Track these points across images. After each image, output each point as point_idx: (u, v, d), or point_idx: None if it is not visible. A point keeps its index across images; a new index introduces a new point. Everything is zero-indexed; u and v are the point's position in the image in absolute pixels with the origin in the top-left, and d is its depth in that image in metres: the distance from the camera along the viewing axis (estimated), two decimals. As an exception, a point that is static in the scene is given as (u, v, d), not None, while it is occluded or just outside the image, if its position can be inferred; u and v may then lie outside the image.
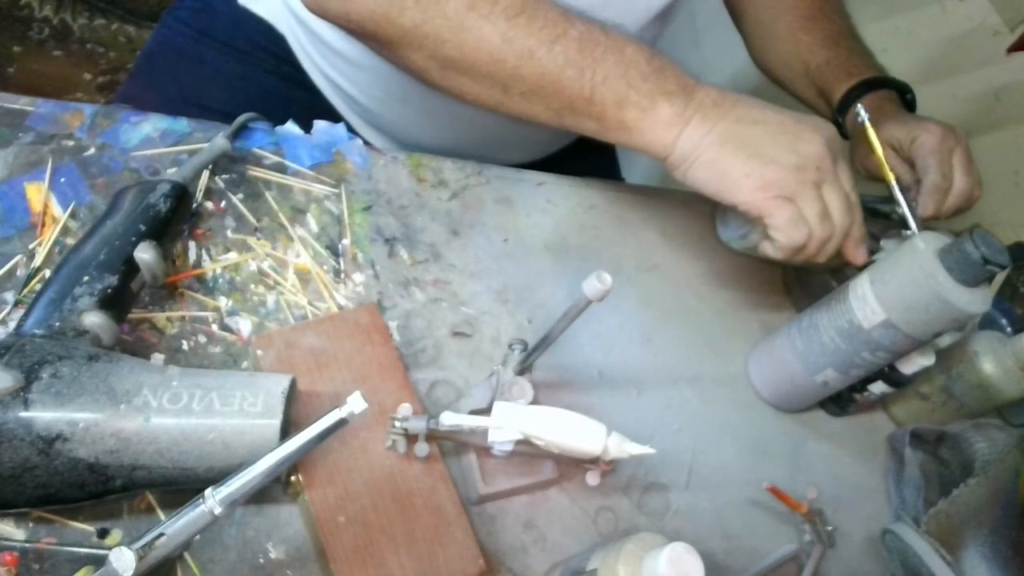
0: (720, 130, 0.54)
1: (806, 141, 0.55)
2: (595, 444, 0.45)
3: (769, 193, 0.54)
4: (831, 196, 0.56)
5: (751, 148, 0.54)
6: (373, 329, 0.52)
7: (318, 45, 0.74)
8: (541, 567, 0.51)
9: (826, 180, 0.56)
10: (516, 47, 0.53)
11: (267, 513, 0.45)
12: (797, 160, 0.54)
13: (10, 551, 0.39)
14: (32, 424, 0.37)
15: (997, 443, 0.64)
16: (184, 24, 0.77)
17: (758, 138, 0.55)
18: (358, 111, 0.78)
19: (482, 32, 0.53)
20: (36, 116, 0.54)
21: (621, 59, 0.54)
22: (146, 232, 0.47)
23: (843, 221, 0.56)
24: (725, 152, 0.54)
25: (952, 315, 0.55)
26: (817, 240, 0.56)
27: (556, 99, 0.55)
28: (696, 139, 0.55)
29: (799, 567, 0.59)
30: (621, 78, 0.54)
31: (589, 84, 0.54)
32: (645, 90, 0.54)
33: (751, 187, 0.54)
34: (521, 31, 0.53)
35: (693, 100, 0.55)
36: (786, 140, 0.55)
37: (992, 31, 1.00)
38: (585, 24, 0.54)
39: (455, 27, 0.53)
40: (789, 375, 0.66)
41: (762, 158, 0.54)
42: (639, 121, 0.55)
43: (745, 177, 0.54)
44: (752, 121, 0.55)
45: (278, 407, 0.41)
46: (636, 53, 0.55)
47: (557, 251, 0.68)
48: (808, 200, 0.55)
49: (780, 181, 0.54)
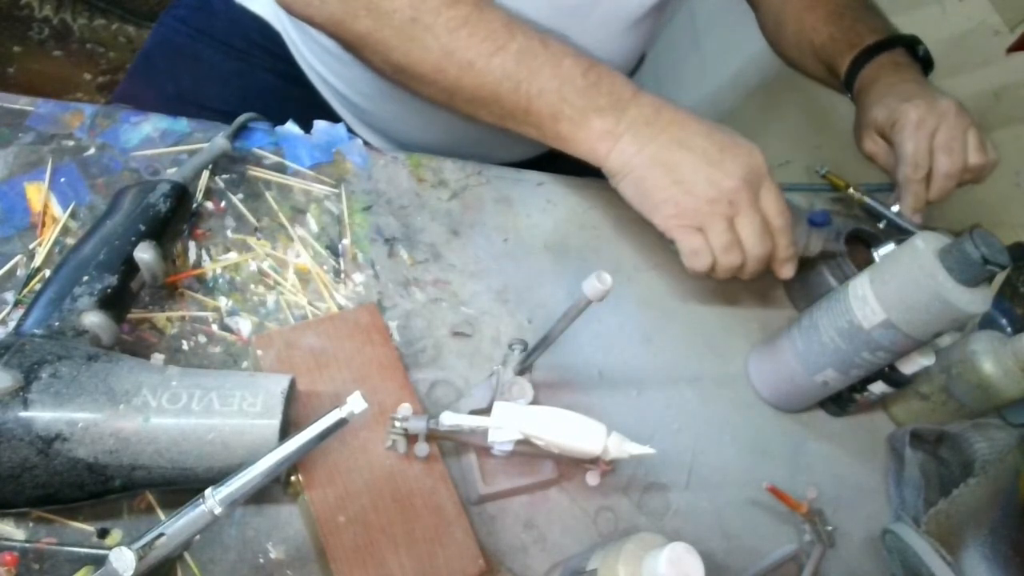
0: (649, 152, 0.57)
1: (725, 173, 0.57)
2: (595, 444, 0.45)
3: (681, 221, 0.58)
4: (744, 227, 0.58)
5: (673, 175, 0.57)
6: (373, 329, 0.52)
7: (310, 43, 0.74)
8: (541, 567, 0.51)
9: (740, 212, 0.58)
10: (456, 59, 0.56)
11: (267, 513, 0.45)
12: (712, 193, 0.57)
13: (10, 551, 0.39)
14: (31, 424, 0.37)
15: (997, 443, 0.64)
16: (182, 23, 0.77)
17: (681, 164, 0.57)
18: (351, 109, 0.78)
19: (425, 43, 0.55)
20: (36, 116, 0.54)
21: (557, 72, 0.56)
22: (146, 232, 0.47)
23: (756, 250, 0.59)
24: (650, 175, 0.57)
25: (952, 315, 0.55)
26: (723, 268, 0.59)
27: (496, 107, 0.58)
28: (626, 157, 0.58)
29: (799, 567, 0.59)
30: (555, 92, 0.56)
31: (525, 97, 0.56)
32: (578, 105, 0.57)
33: (667, 213, 0.58)
34: (462, 43, 0.55)
35: (625, 117, 0.57)
36: (705, 171, 0.57)
37: (992, 31, 1.00)
38: (527, 36, 0.56)
39: (401, 36, 0.55)
40: (789, 375, 0.66)
41: (682, 186, 0.57)
42: (573, 134, 0.58)
43: (663, 202, 0.58)
44: (679, 145, 0.57)
45: (277, 407, 0.41)
46: (573, 67, 0.57)
47: (557, 251, 0.68)
48: (715, 232, 0.58)
49: (692, 212, 0.57)
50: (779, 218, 0.60)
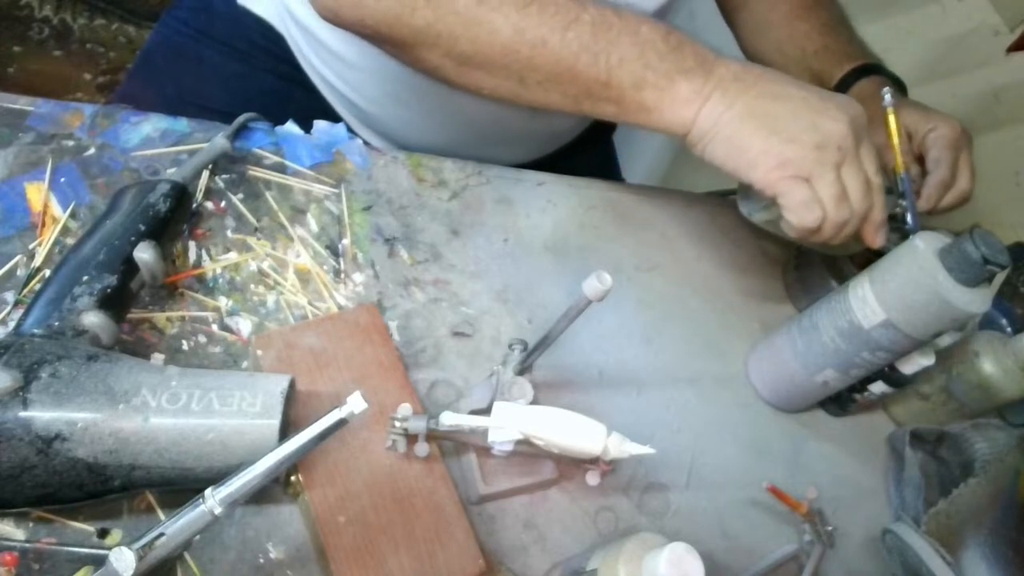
0: (740, 106, 0.53)
1: (830, 119, 0.53)
2: (595, 444, 0.45)
3: (785, 172, 0.53)
4: (850, 178, 0.54)
5: (771, 125, 0.53)
6: (373, 329, 0.52)
7: (314, 46, 0.74)
8: (541, 567, 0.51)
9: (846, 161, 0.54)
10: (528, 37, 0.53)
11: (267, 513, 0.45)
12: (818, 139, 0.53)
13: (10, 551, 0.39)
14: (31, 424, 0.37)
15: (997, 443, 0.64)
16: (183, 23, 0.77)
17: (779, 114, 0.53)
18: (354, 112, 0.78)
19: (494, 25, 0.53)
20: (36, 116, 0.54)
21: (636, 40, 0.53)
22: (145, 232, 0.47)
23: (861, 205, 0.55)
24: (744, 128, 0.53)
25: (952, 315, 0.55)
26: (832, 223, 0.55)
27: (573, 86, 0.55)
28: (716, 115, 0.54)
29: (799, 567, 0.59)
30: (637, 59, 0.53)
31: (605, 68, 0.53)
32: (662, 69, 0.53)
33: (768, 166, 0.53)
34: (532, 20, 0.52)
35: (712, 76, 0.54)
36: (808, 117, 0.53)
37: (992, 31, 1.00)
38: (597, 7, 0.54)
39: (467, 22, 0.53)
40: (789, 375, 0.66)
41: (781, 135, 0.53)
42: (658, 101, 0.54)
43: (763, 155, 0.53)
44: (774, 96, 0.54)
45: (277, 407, 0.41)
46: (651, 32, 0.54)
47: (557, 251, 0.68)
48: (825, 182, 0.53)
49: (798, 160, 0.53)
50: (877, 176, 0.56)
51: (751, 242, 0.80)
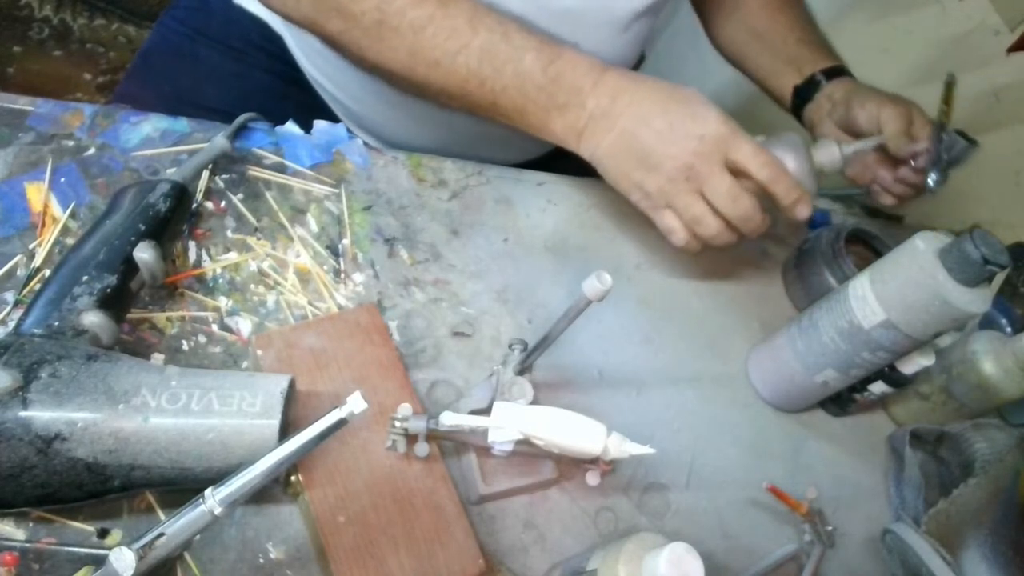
0: (607, 144, 0.58)
1: (679, 148, 0.57)
2: (595, 444, 0.45)
3: (649, 203, 0.60)
4: (713, 195, 0.58)
5: (632, 161, 0.58)
6: (373, 329, 0.52)
7: (304, 47, 0.74)
8: (541, 567, 0.51)
9: (704, 181, 0.58)
10: (423, 58, 0.57)
11: (267, 513, 0.45)
12: (668, 171, 0.58)
13: (10, 551, 0.39)
14: (31, 423, 0.37)
15: (997, 443, 0.64)
16: (180, 23, 0.77)
17: (638, 149, 0.58)
18: (346, 112, 0.78)
19: (392, 43, 0.57)
20: (36, 116, 0.54)
21: (519, 69, 0.57)
22: (145, 232, 0.47)
23: (734, 212, 0.59)
24: (614, 163, 0.59)
25: (952, 315, 0.55)
26: (703, 239, 0.60)
27: (466, 102, 0.59)
28: (590, 150, 0.59)
29: (799, 567, 0.59)
30: (517, 90, 0.57)
31: (491, 92, 0.58)
32: (541, 103, 0.58)
33: (636, 198, 0.61)
34: (427, 43, 0.56)
35: (584, 111, 0.58)
36: (662, 149, 0.57)
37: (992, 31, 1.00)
38: (489, 32, 0.57)
39: (371, 38, 0.57)
40: (789, 375, 0.66)
41: (643, 169, 0.58)
42: (541, 128, 0.60)
43: (632, 188, 0.60)
44: (634, 131, 0.58)
45: (277, 407, 0.41)
46: (533, 63, 0.57)
47: (557, 251, 0.68)
48: (681, 207, 0.59)
49: (656, 192, 0.59)
50: (762, 170, 0.59)
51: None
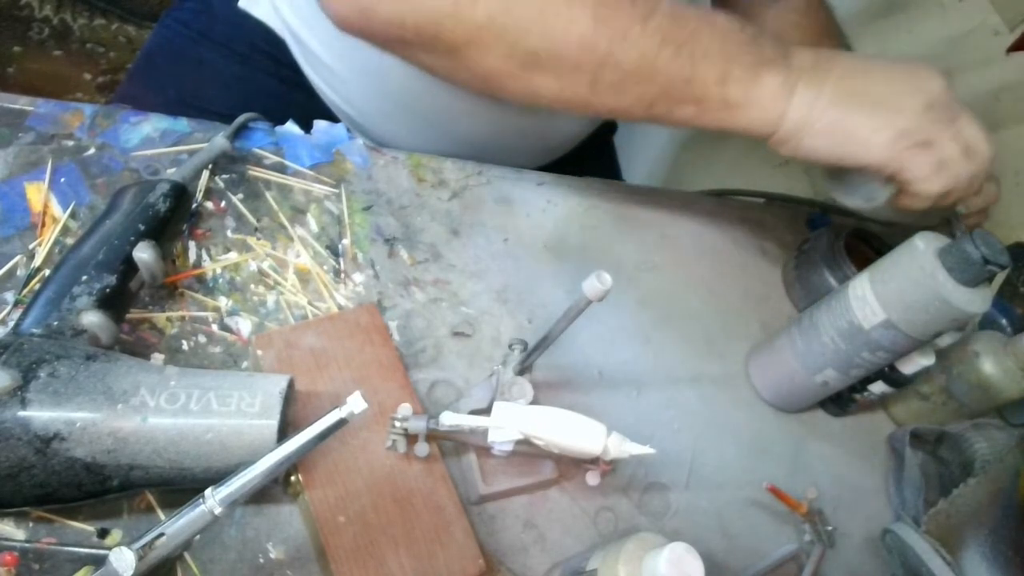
0: (829, 90, 0.50)
1: (925, 78, 0.51)
2: (595, 444, 0.45)
3: (904, 143, 0.50)
4: (968, 128, 0.52)
5: (870, 100, 0.50)
6: (373, 329, 0.52)
7: (309, 57, 0.74)
8: (541, 567, 0.51)
9: (959, 114, 0.52)
10: (609, 28, 0.47)
11: (267, 513, 0.45)
12: (924, 99, 0.50)
13: (10, 551, 0.39)
14: (29, 423, 0.37)
15: (997, 443, 0.64)
16: (183, 25, 0.77)
17: (873, 88, 0.51)
18: (349, 120, 0.78)
19: (571, 14, 0.47)
20: (36, 116, 0.54)
21: (715, 31, 0.50)
22: (145, 232, 0.47)
23: (988, 151, 0.52)
24: (843, 112, 0.50)
25: (952, 315, 0.55)
26: (964, 180, 0.52)
27: (652, 84, 0.50)
28: (806, 107, 0.50)
29: (799, 567, 0.59)
30: (719, 52, 0.49)
31: (688, 61, 0.49)
32: (746, 62, 0.50)
33: (883, 142, 0.50)
34: (611, 9, 0.48)
35: (793, 65, 0.51)
36: (904, 81, 0.51)
37: (992, 31, 1.00)
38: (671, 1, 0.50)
39: (539, 13, 0.47)
40: (789, 375, 0.66)
41: (887, 106, 0.50)
42: (744, 96, 0.51)
43: (874, 132, 0.50)
44: (860, 71, 0.51)
45: (276, 407, 0.41)
46: (727, 22, 0.50)
47: (557, 251, 0.68)
48: (948, 140, 0.51)
49: (913, 128, 0.50)
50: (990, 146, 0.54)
51: (751, 242, 0.80)
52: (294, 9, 0.70)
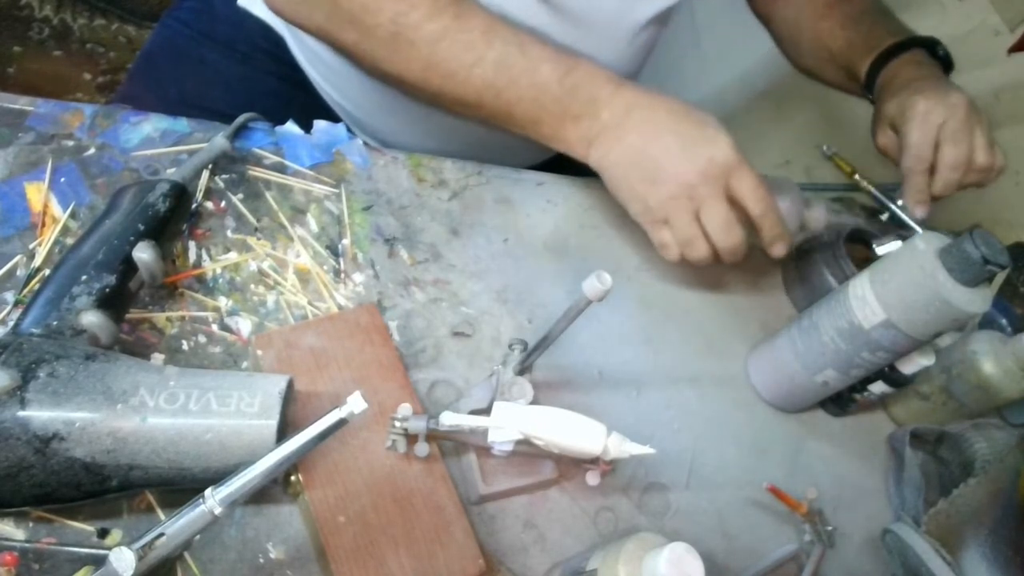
0: (617, 153, 0.59)
1: (685, 168, 0.58)
2: (595, 444, 0.45)
3: (647, 216, 0.61)
4: (707, 220, 0.60)
5: (640, 172, 0.59)
6: (373, 329, 0.52)
7: (307, 52, 0.74)
8: (541, 567, 0.51)
9: (702, 205, 0.59)
10: (439, 70, 0.58)
11: (267, 513, 0.45)
12: (672, 188, 0.59)
13: (10, 551, 0.39)
14: (29, 423, 0.37)
15: (997, 443, 0.64)
16: (184, 25, 0.77)
17: (646, 162, 0.59)
18: (350, 118, 0.78)
19: (408, 55, 0.57)
20: (36, 116, 0.54)
21: (534, 81, 0.58)
22: (145, 232, 0.47)
23: (723, 242, 0.60)
24: (619, 173, 0.60)
25: (952, 315, 0.55)
26: (691, 259, 0.62)
27: (481, 112, 0.60)
28: (599, 159, 0.60)
29: (799, 567, 0.59)
30: (533, 101, 0.58)
31: (506, 103, 0.59)
32: (555, 113, 0.59)
33: (635, 209, 0.62)
34: (442, 55, 0.57)
35: (598, 122, 0.59)
36: (668, 167, 0.58)
37: (992, 31, 1.00)
38: (505, 44, 0.57)
39: (386, 49, 0.58)
40: (789, 375, 0.65)
41: (646, 182, 0.59)
42: (553, 138, 0.61)
43: (632, 199, 0.61)
44: (644, 145, 0.59)
45: (275, 408, 0.41)
46: (550, 74, 0.58)
47: (557, 251, 0.68)
48: (677, 226, 0.60)
49: (656, 207, 0.60)
50: (757, 205, 0.61)
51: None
52: None
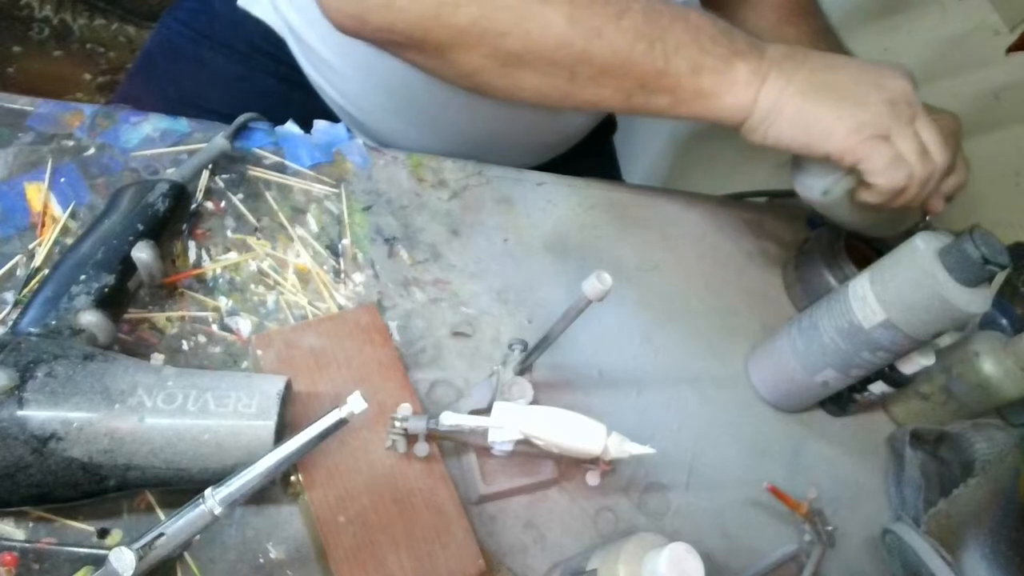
0: (799, 81, 0.53)
1: (890, 77, 0.54)
2: (595, 444, 0.45)
3: (864, 135, 0.53)
4: (926, 131, 0.54)
5: (836, 93, 0.53)
6: (373, 329, 0.52)
7: (308, 54, 0.74)
8: (541, 567, 0.51)
9: (918, 115, 0.54)
10: (583, 28, 0.51)
11: (267, 513, 0.45)
12: (887, 96, 0.53)
13: (10, 551, 0.39)
14: (26, 423, 0.37)
15: (997, 443, 0.64)
16: (183, 25, 0.77)
17: (840, 81, 0.54)
18: (350, 120, 0.78)
19: (546, 17, 0.50)
20: (36, 116, 0.54)
21: (688, 26, 0.53)
22: (144, 231, 0.47)
23: (942, 157, 0.55)
24: (810, 101, 0.53)
25: (952, 315, 0.55)
26: (918, 179, 0.54)
27: (627, 78, 0.53)
28: (775, 94, 0.53)
29: (799, 567, 0.59)
30: (692, 44, 0.53)
31: (662, 55, 0.52)
32: (718, 53, 0.53)
33: (844, 131, 0.53)
34: (585, 10, 0.51)
35: (765, 56, 0.54)
36: (869, 79, 0.53)
37: (992, 31, 1.00)
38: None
39: (517, 16, 0.50)
40: (789, 375, 0.65)
41: (850, 100, 0.53)
42: (716, 86, 0.54)
43: (836, 121, 0.53)
44: (829, 67, 0.54)
45: (273, 409, 0.41)
46: (700, 18, 0.54)
47: (557, 251, 0.68)
48: (905, 137, 0.53)
49: (874, 120, 0.53)
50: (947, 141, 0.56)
51: (751, 242, 0.80)
52: (294, 6, 0.70)
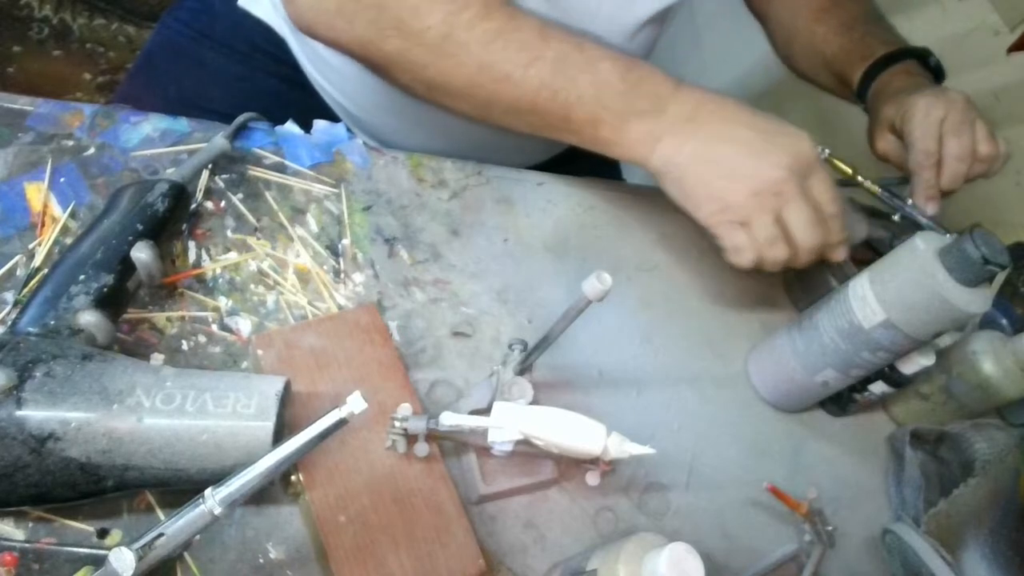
0: (688, 150, 0.56)
1: (770, 164, 0.56)
2: (595, 444, 0.45)
3: (724, 217, 0.57)
4: (793, 218, 0.57)
5: (715, 170, 0.56)
6: (373, 329, 0.52)
7: (309, 53, 0.74)
8: (541, 567, 0.51)
9: (787, 203, 0.57)
10: (492, 72, 0.55)
11: (267, 513, 0.45)
12: (756, 185, 0.56)
13: (10, 551, 0.39)
14: (24, 423, 0.37)
15: (997, 443, 0.64)
16: (184, 25, 0.77)
17: (724, 159, 0.56)
18: (351, 118, 0.78)
19: (459, 59, 0.55)
20: (36, 116, 0.54)
21: (594, 79, 0.55)
22: (143, 231, 0.47)
23: (808, 241, 0.58)
24: (690, 173, 0.57)
25: (952, 315, 0.55)
26: (769, 263, 0.58)
27: (535, 117, 0.57)
28: (666, 157, 0.57)
29: (799, 567, 0.59)
30: (593, 99, 0.56)
31: (563, 105, 0.56)
32: (617, 110, 0.56)
33: (710, 210, 0.57)
34: (497, 56, 0.54)
35: (665, 117, 0.57)
36: (750, 163, 0.56)
37: (992, 31, 1.00)
38: (561, 43, 0.56)
39: (435, 54, 0.55)
40: (789, 375, 0.65)
41: (725, 181, 0.56)
42: (613, 139, 0.57)
43: (707, 199, 0.57)
44: (721, 139, 0.56)
45: (272, 409, 0.41)
46: (611, 70, 0.56)
47: (557, 251, 0.68)
48: (759, 225, 0.57)
49: (735, 207, 0.56)
50: (832, 204, 0.59)
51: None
52: None
